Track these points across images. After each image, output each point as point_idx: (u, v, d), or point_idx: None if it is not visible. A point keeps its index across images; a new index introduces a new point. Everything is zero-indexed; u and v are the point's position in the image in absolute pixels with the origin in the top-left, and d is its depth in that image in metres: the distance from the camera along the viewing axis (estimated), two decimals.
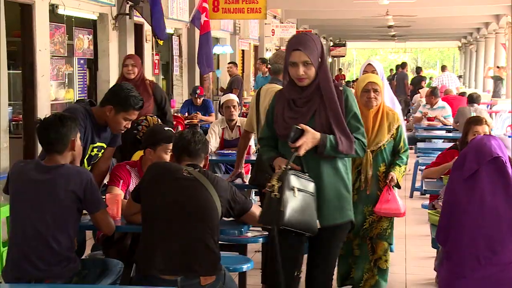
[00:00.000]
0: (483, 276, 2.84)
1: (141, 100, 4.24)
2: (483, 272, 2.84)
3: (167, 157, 4.10)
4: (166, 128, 4.34)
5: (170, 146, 4.00)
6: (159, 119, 5.43)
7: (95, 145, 4.26)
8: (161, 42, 9.78)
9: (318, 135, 3.41)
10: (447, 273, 2.96)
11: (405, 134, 4.75)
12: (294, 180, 3.33)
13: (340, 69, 31.05)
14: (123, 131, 4.33)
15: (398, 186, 4.63)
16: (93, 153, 4.28)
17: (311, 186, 3.40)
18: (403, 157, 4.66)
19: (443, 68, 20.07)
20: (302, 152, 3.38)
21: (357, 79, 11.37)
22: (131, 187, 4.15)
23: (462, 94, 13.39)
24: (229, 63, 13.86)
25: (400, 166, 4.61)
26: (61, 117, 3.63)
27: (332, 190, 3.51)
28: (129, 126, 4.29)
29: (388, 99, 5.18)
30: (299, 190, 3.32)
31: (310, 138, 3.38)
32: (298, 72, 3.43)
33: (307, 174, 3.43)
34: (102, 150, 4.36)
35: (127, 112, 4.17)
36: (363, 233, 4.63)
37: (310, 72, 3.45)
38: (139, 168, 4.26)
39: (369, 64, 5.32)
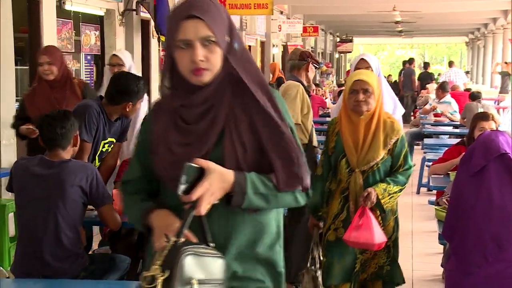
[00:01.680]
0: (490, 272, 2.83)
1: (143, 80, 4.33)
2: (490, 268, 2.83)
3: None
4: None
5: None
6: None
7: (106, 141, 4.30)
8: (163, 38, 9.77)
9: (230, 175, 1.92)
10: (454, 270, 2.95)
11: (407, 149, 3.68)
12: (191, 265, 1.79)
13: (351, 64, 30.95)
14: None
15: (382, 209, 3.55)
16: (104, 149, 4.33)
17: (218, 267, 1.88)
18: (399, 176, 3.58)
19: (450, 64, 20.01)
20: (203, 209, 1.88)
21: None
22: None
23: (469, 90, 13.37)
24: None
25: (389, 184, 3.52)
26: (65, 112, 3.69)
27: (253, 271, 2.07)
28: None
29: (389, 100, 4.28)
30: (202, 282, 1.81)
31: (216, 182, 1.89)
32: (193, 55, 1.91)
33: (212, 244, 1.93)
34: (112, 145, 4.40)
35: (141, 98, 4.32)
36: (355, 278, 3.64)
37: (214, 57, 1.94)
38: None
39: (362, 59, 4.25)
